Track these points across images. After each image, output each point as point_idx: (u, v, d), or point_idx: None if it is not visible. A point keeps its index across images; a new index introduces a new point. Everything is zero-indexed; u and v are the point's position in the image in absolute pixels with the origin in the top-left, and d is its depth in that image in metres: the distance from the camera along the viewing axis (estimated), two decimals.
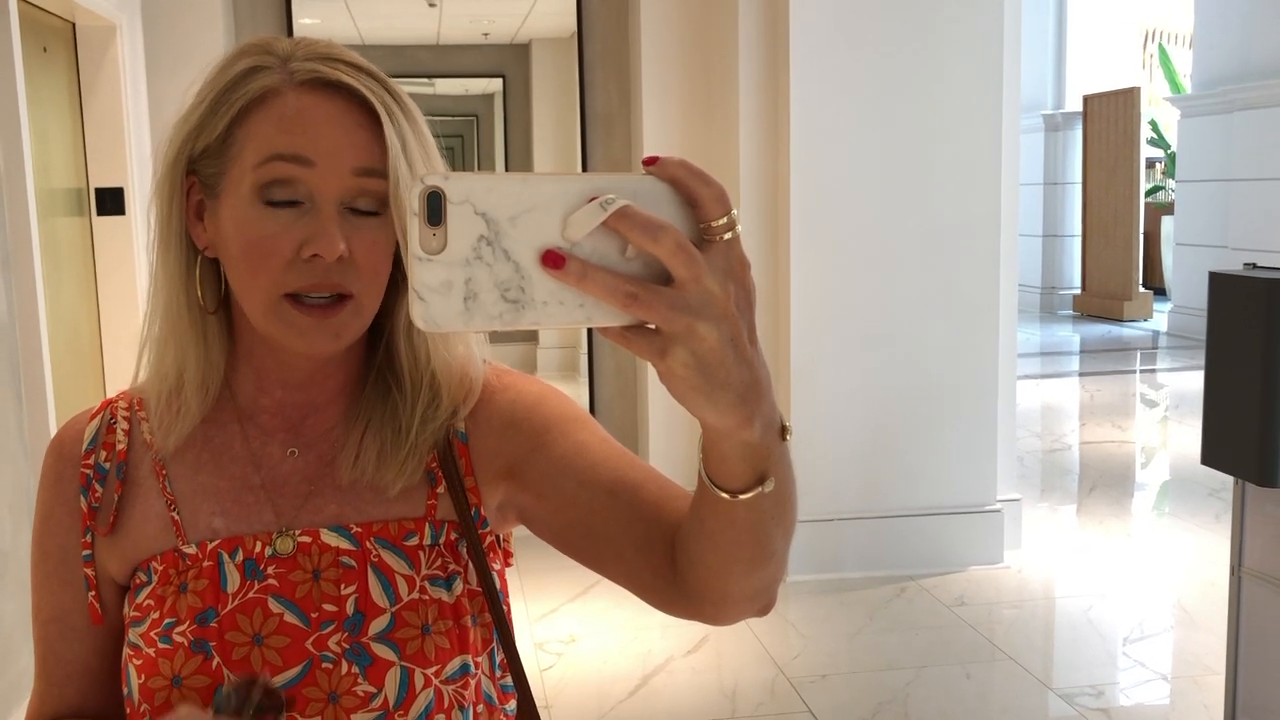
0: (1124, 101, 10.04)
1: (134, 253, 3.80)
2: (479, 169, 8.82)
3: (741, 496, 0.71)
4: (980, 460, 3.88)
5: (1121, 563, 3.97)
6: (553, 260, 0.59)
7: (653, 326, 0.61)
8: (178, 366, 0.92)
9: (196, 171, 0.88)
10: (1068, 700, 2.94)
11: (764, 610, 0.84)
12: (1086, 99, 10.54)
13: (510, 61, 8.35)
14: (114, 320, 3.80)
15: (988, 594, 3.65)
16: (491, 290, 0.59)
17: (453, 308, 0.59)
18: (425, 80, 8.10)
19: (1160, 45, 12.25)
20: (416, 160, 0.86)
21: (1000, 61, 3.77)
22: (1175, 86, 11.06)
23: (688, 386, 0.62)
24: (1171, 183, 11.14)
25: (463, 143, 9.84)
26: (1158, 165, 12.21)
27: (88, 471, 0.95)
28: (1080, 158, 10.77)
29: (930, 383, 3.83)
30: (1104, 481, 5.05)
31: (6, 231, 2.67)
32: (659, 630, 3.35)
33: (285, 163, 0.84)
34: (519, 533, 1.03)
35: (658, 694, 3.01)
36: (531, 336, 7.64)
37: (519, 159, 8.36)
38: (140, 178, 3.81)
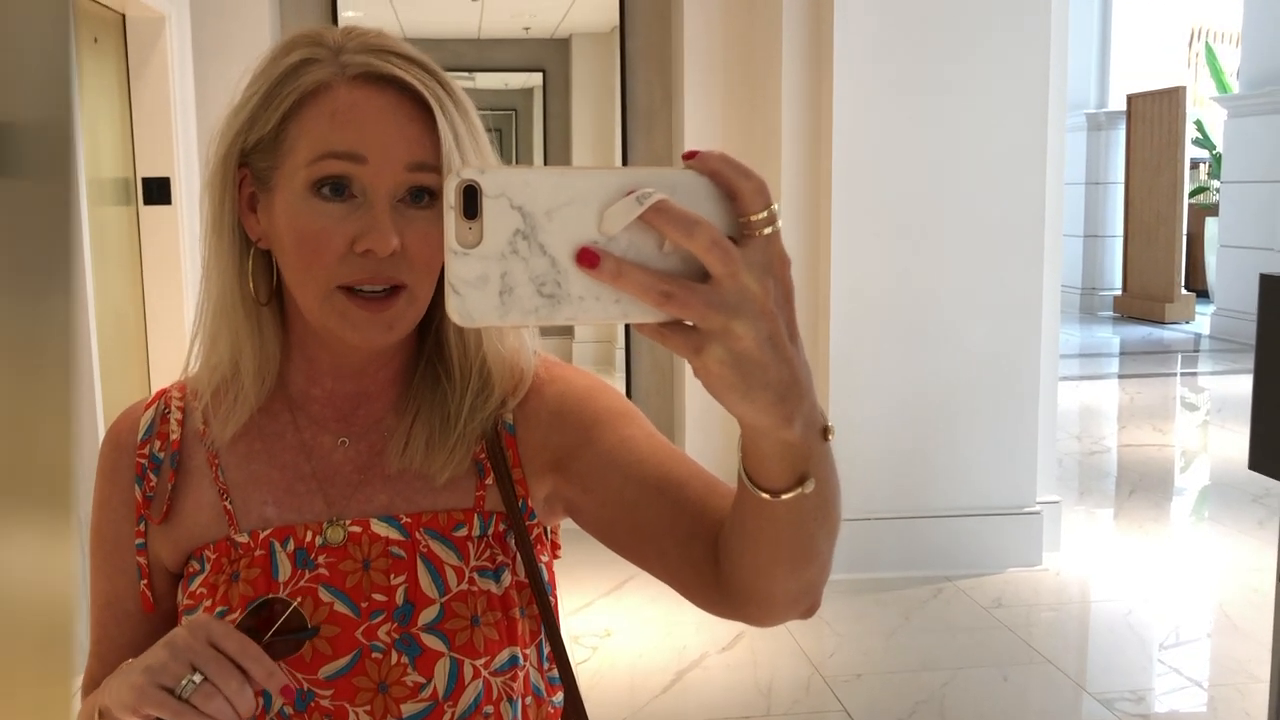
0: (1169, 101, 9.89)
1: (179, 242, 3.84)
2: (517, 163, 8.83)
3: (782, 497, 0.69)
4: (1020, 461, 3.84)
5: (1162, 567, 3.92)
6: (588, 259, 0.58)
7: (690, 323, 0.60)
8: (233, 357, 0.93)
9: (249, 164, 0.88)
10: (1106, 705, 2.91)
11: (808, 612, 0.82)
12: (1130, 98, 10.40)
13: (550, 56, 8.34)
14: (159, 308, 3.85)
15: (1026, 596, 3.62)
16: (527, 285, 0.59)
17: (488, 302, 0.59)
18: (465, 74, 8.12)
19: (1206, 44, 12.06)
20: (469, 152, 0.86)
21: (1047, 59, 3.72)
22: (1221, 86, 10.89)
23: (724, 385, 0.61)
24: (1216, 184, 10.97)
25: (501, 137, 9.85)
26: (1202, 166, 12.03)
27: (143, 461, 0.96)
28: (1123, 157, 10.64)
29: (971, 382, 3.79)
30: (1144, 485, 4.99)
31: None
32: (694, 626, 3.35)
33: (338, 160, 0.84)
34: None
35: (692, 690, 3.01)
36: (567, 331, 7.64)
37: (558, 153, 8.36)
38: (187, 168, 3.85)
